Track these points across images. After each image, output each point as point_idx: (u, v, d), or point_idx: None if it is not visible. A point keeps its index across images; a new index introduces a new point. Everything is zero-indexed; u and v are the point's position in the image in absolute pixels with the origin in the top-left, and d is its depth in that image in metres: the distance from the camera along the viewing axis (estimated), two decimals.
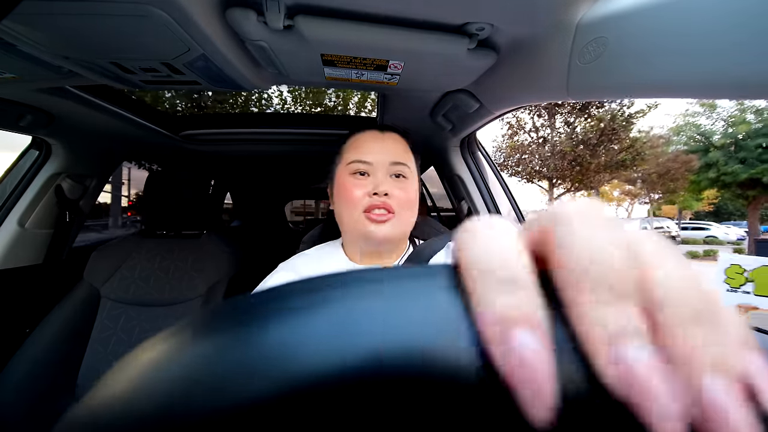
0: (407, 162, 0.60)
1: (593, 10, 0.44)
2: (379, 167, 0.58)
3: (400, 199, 0.57)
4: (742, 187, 10.19)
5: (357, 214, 0.56)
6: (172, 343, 0.10)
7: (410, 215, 0.59)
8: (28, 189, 1.02)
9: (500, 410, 0.09)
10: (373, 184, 0.56)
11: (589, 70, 0.47)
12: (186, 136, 1.24)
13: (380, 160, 0.58)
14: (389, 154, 0.59)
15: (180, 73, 0.61)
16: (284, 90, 7.72)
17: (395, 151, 0.60)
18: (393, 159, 0.59)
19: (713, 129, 10.49)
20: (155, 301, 1.08)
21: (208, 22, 0.48)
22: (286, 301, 0.11)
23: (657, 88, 0.42)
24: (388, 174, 0.59)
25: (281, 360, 0.09)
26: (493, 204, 1.09)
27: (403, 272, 0.11)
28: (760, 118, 9.61)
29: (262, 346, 0.09)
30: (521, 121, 11.56)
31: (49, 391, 0.94)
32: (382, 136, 0.61)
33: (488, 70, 0.64)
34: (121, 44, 0.51)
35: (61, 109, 0.85)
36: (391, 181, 0.58)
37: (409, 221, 0.60)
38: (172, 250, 1.15)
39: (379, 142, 0.60)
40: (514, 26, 0.52)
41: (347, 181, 0.58)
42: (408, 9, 0.49)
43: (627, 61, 0.42)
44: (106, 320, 1.05)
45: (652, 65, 0.40)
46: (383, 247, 0.59)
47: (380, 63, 0.62)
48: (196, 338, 0.10)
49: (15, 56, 0.54)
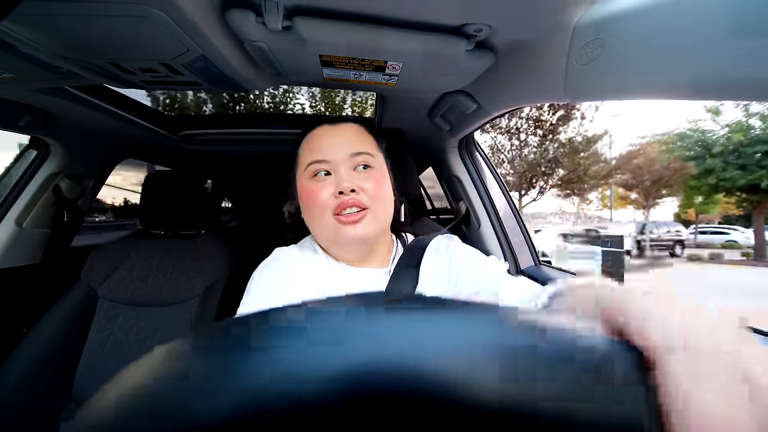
0: (370, 150, 0.55)
1: (590, 12, 0.45)
2: (339, 163, 0.52)
3: (370, 191, 0.52)
4: (743, 192, 10.38)
5: (327, 219, 0.51)
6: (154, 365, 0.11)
7: (385, 207, 0.54)
8: (26, 189, 1.01)
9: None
10: (337, 181, 0.51)
11: (586, 72, 0.47)
12: (184, 136, 1.24)
13: (338, 155, 0.53)
14: (347, 145, 0.53)
15: (179, 74, 0.61)
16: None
17: (353, 141, 0.54)
18: (352, 150, 0.53)
19: (714, 137, 10.62)
20: (153, 301, 1.08)
21: (207, 23, 0.48)
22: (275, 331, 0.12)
23: (654, 90, 0.42)
24: (351, 167, 0.53)
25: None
26: (491, 205, 1.09)
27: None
28: (765, 124, 9.72)
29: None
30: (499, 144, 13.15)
31: (46, 390, 0.94)
32: (335, 128, 0.56)
33: (486, 71, 0.65)
34: (120, 45, 0.51)
35: (60, 109, 0.85)
36: (356, 175, 0.53)
37: (386, 214, 0.55)
38: (170, 250, 1.15)
39: (334, 135, 0.55)
40: (511, 28, 0.52)
41: (309, 185, 0.53)
42: (406, 10, 0.49)
43: (624, 63, 0.42)
44: (104, 320, 1.05)
45: (649, 67, 0.40)
46: (362, 248, 0.55)
47: (378, 64, 0.62)
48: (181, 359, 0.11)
49: (14, 56, 0.54)
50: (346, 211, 0.51)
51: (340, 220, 0.51)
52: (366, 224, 0.51)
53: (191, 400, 0.10)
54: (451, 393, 0.10)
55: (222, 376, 0.10)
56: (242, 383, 0.10)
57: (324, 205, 0.51)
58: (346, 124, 0.57)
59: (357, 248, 0.55)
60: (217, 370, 0.10)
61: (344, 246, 0.54)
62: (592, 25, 0.44)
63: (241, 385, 0.10)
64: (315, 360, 0.10)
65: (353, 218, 0.50)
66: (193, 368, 0.11)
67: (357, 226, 0.51)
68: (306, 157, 0.54)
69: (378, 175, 0.54)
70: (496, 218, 1.08)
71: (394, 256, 0.60)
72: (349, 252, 0.55)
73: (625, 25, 0.41)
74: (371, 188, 0.52)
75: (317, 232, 0.55)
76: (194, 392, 0.10)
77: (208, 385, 0.10)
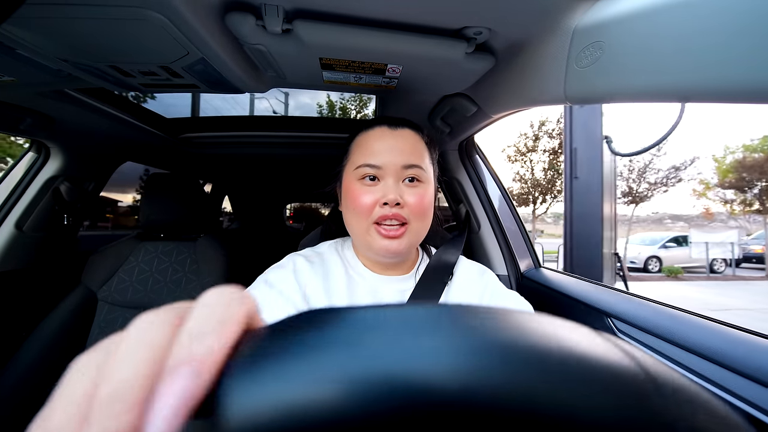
0: (422, 164, 0.53)
1: (590, 14, 0.45)
2: (389, 171, 0.51)
3: (413, 207, 0.51)
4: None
5: (366, 225, 0.51)
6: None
7: (423, 225, 0.54)
8: (27, 192, 1.01)
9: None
10: (383, 191, 0.50)
11: (586, 75, 0.47)
12: (185, 139, 1.24)
13: (391, 164, 0.51)
14: (401, 155, 0.52)
15: (178, 77, 0.61)
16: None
17: (408, 151, 0.52)
18: (405, 161, 0.51)
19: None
20: (152, 304, 1.07)
21: (207, 27, 0.48)
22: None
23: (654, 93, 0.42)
24: (401, 178, 0.52)
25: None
26: (490, 207, 1.09)
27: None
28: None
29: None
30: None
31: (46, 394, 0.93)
32: (392, 133, 0.53)
33: (486, 73, 0.65)
34: (121, 48, 0.51)
35: (61, 112, 0.85)
36: (403, 187, 0.52)
37: (422, 231, 0.54)
38: (169, 253, 1.15)
39: (390, 140, 0.53)
40: (511, 30, 0.53)
41: (355, 187, 0.52)
42: (406, 13, 0.49)
43: (624, 66, 0.42)
44: (103, 323, 1.05)
45: (649, 70, 0.40)
46: (393, 259, 0.55)
47: (378, 67, 0.62)
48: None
49: (15, 60, 0.54)
50: (386, 222, 0.50)
51: (379, 231, 0.50)
52: (403, 240, 0.51)
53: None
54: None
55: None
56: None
57: (367, 210, 0.51)
58: (404, 129, 0.55)
59: (388, 259, 0.54)
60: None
61: (376, 254, 0.53)
62: (592, 27, 0.44)
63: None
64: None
65: (393, 233, 0.50)
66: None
67: (394, 241, 0.50)
68: (358, 157, 0.53)
69: (425, 191, 0.53)
70: (495, 221, 1.08)
71: (419, 265, 0.60)
72: (379, 260, 0.55)
73: (625, 27, 0.41)
74: (414, 203, 0.51)
75: (355, 230, 0.54)
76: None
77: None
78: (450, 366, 0.10)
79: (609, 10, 0.42)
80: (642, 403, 0.10)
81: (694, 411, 0.11)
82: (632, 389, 0.10)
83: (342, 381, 0.10)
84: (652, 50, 0.39)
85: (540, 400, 0.10)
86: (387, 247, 0.50)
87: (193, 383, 0.10)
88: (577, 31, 0.46)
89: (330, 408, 0.09)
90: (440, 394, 0.09)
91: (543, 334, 0.11)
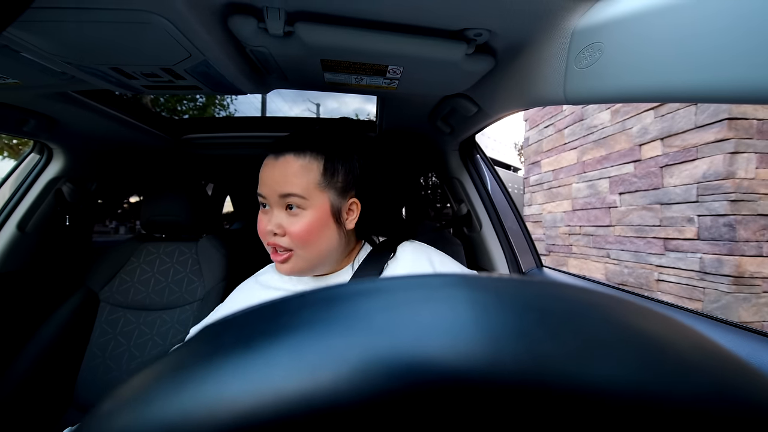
0: (298, 191, 0.50)
1: (588, 15, 0.45)
2: (271, 201, 0.52)
3: (294, 236, 0.51)
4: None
5: (267, 248, 0.55)
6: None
7: (310, 251, 0.52)
8: (29, 193, 1.02)
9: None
10: (267, 219, 0.53)
11: (586, 75, 0.48)
12: (187, 141, 1.24)
13: (271, 193, 0.52)
14: (276, 185, 0.51)
15: (181, 78, 0.61)
16: None
17: (282, 180, 0.51)
18: (280, 191, 0.51)
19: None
20: (154, 305, 1.08)
21: (210, 29, 0.48)
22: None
23: (654, 94, 0.42)
24: (283, 207, 0.52)
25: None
26: (492, 207, 1.09)
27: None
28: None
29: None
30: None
31: (47, 394, 0.94)
32: (273, 163, 0.52)
33: (486, 74, 0.65)
34: (124, 50, 0.52)
35: (64, 113, 0.85)
36: (284, 217, 0.52)
37: (312, 255, 0.53)
38: (171, 253, 1.15)
39: (269, 170, 0.52)
40: (511, 32, 0.53)
41: (259, 212, 0.56)
42: (407, 15, 0.50)
43: (623, 66, 0.43)
44: (105, 324, 1.05)
45: (648, 70, 0.40)
46: (300, 275, 0.57)
47: (379, 68, 0.62)
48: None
49: (19, 62, 0.55)
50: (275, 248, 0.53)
51: (272, 254, 0.54)
52: (292, 263, 0.53)
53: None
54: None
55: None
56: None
57: (262, 235, 0.54)
58: (286, 156, 0.52)
59: (292, 275, 0.56)
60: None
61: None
62: (591, 29, 0.45)
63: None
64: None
65: (279, 258, 0.53)
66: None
67: (284, 265, 0.53)
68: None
69: (304, 218, 0.51)
70: (497, 220, 1.09)
71: (356, 259, 0.61)
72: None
73: (623, 29, 0.41)
74: (294, 232, 0.51)
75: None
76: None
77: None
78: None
79: (608, 11, 0.43)
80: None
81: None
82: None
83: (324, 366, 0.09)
84: (651, 51, 0.39)
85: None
86: (280, 268, 0.54)
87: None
88: (576, 33, 0.47)
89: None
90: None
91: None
